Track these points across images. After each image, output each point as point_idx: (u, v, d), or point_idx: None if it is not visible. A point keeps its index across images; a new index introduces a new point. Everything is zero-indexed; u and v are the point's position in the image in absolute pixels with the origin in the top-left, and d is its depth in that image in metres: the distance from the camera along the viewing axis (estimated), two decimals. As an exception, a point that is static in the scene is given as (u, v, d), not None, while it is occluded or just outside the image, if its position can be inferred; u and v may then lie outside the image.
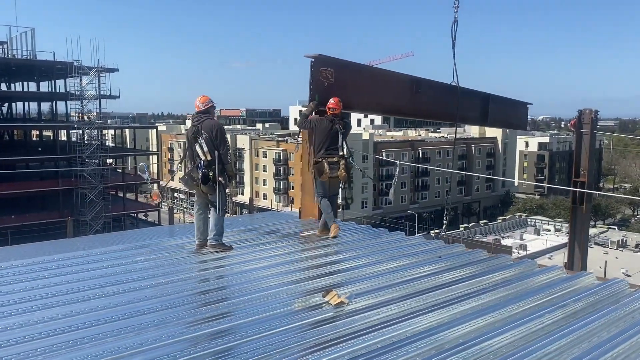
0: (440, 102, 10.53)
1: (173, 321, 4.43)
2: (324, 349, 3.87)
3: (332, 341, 4.05)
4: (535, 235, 57.54)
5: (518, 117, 13.48)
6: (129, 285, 5.35)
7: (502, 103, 12.47)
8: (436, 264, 6.30)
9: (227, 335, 4.11)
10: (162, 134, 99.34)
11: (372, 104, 9.63)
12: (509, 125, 16.24)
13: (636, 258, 47.33)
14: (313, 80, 7.92)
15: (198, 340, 4.02)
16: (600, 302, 5.17)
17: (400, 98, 9.85)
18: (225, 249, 6.84)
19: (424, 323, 4.44)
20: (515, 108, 13.24)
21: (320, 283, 5.52)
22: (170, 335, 4.10)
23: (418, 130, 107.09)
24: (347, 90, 8.38)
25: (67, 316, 4.51)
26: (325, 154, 7.56)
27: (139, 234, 11.92)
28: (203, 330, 4.23)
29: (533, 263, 6.62)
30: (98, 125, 50.21)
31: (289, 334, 4.17)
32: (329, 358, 3.75)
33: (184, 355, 3.77)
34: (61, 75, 52.13)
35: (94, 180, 47.91)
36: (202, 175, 6.66)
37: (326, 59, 8.14)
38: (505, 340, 4.12)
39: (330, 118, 7.65)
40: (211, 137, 6.70)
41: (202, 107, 6.90)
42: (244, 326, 4.31)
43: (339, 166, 7.55)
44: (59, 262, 6.20)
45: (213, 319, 4.47)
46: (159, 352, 3.79)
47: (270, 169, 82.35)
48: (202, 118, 6.83)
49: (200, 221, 7.00)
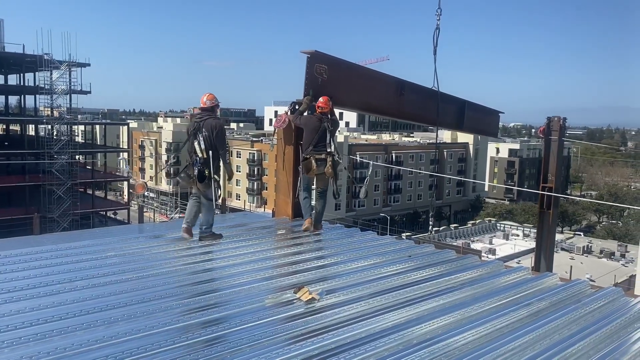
0: (423, 105, 10.77)
1: (143, 315, 4.42)
2: (294, 344, 3.92)
3: (303, 336, 4.11)
4: (504, 239, 58.53)
5: (490, 124, 13.80)
6: (99, 280, 5.31)
7: (477, 110, 12.72)
8: (406, 263, 6.40)
9: (206, 328, 4.13)
10: (134, 131, 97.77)
11: (360, 102, 9.83)
12: (481, 132, 16.55)
13: (600, 264, 48.53)
14: (308, 75, 8.08)
15: (168, 336, 4.02)
16: (562, 301, 5.34)
17: (385, 99, 10.05)
18: (215, 237, 7.10)
19: (392, 319, 4.53)
20: (489, 116, 13.53)
21: (291, 280, 5.56)
22: (140, 330, 4.09)
23: (392, 134, 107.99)
24: (339, 88, 8.57)
25: (35, 309, 4.46)
26: (314, 151, 7.75)
27: (108, 232, 11.77)
28: (176, 325, 4.23)
29: (500, 264, 6.79)
30: (68, 120, 49.23)
31: (260, 329, 4.20)
32: (299, 352, 3.80)
33: (154, 349, 3.78)
34: (30, 68, 50.93)
35: (62, 176, 46.89)
36: (198, 172, 6.85)
37: (322, 56, 8.33)
38: (471, 337, 4.23)
39: (319, 116, 7.84)
40: (210, 136, 6.86)
41: (208, 104, 7.08)
42: (216, 322, 4.34)
43: (326, 163, 7.74)
44: (26, 256, 6.09)
45: (187, 313, 4.48)
46: (129, 345, 3.78)
47: (244, 169, 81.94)
48: (205, 116, 6.99)
49: (193, 207, 7.19)
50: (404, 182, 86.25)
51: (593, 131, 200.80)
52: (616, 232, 66.94)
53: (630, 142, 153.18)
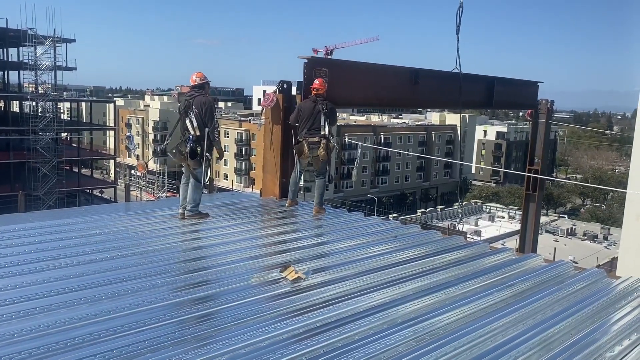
0: (441, 90, 10.76)
1: (127, 293, 4.40)
2: (279, 322, 3.93)
3: (288, 314, 4.12)
4: (489, 221, 59.11)
5: (527, 97, 13.47)
6: (83, 258, 5.27)
7: (509, 84, 12.69)
8: (392, 243, 6.44)
9: (191, 307, 4.12)
10: (120, 109, 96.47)
11: (370, 98, 9.89)
12: (518, 106, 16.36)
13: (584, 246, 49.28)
14: (307, 80, 8.09)
15: (153, 314, 4.01)
16: (546, 282, 5.41)
17: (398, 90, 10.09)
18: (202, 216, 7.11)
19: (377, 299, 4.56)
20: (524, 88, 13.35)
21: (278, 259, 5.57)
22: (125, 307, 4.08)
23: (381, 115, 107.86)
24: (344, 88, 8.59)
25: (17, 287, 4.42)
26: (307, 134, 7.70)
27: (94, 210, 11.67)
28: (161, 303, 4.22)
29: (485, 245, 6.84)
30: (53, 97, 48.39)
31: (245, 307, 4.20)
32: (285, 330, 3.82)
33: (139, 326, 3.77)
34: (14, 43, 49.86)
35: (47, 154, 46.31)
36: (190, 149, 6.91)
37: (319, 60, 8.43)
38: (454, 317, 4.27)
39: (313, 99, 7.77)
40: (200, 113, 6.89)
41: (198, 81, 7.11)
42: (202, 301, 4.33)
43: (319, 146, 7.65)
44: (9, 233, 6.02)
45: (173, 291, 4.46)
46: (113, 324, 3.77)
47: (232, 149, 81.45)
48: (195, 93, 7.03)
49: (186, 191, 7.22)
50: (392, 164, 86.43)
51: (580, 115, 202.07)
52: (600, 215, 67.89)
53: (615, 126, 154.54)
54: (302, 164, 8.00)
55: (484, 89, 11.77)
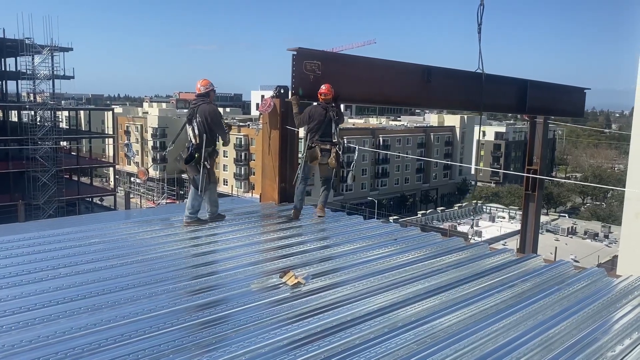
0: (458, 89, 10.20)
1: (127, 302, 4.39)
2: (280, 328, 3.92)
3: (288, 320, 4.11)
4: (490, 222, 59.07)
5: (572, 103, 12.80)
6: (83, 267, 5.25)
7: (547, 89, 11.78)
8: (392, 246, 6.43)
9: (191, 314, 4.11)
10: (119, 116, 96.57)
11: (370, 95, 9.43)
12: (560, 113, 14.20)
13: (584, 245, 49.24)
14: (296, 73, 7.86)
15: (153, 322, 4.00)
16: (546, 282, 5.40)
17: (406, 88, 9.59)
18: (201, 223, 7.14)
19: (378, 302, 4.55)
20: (567, 94, 12.65)
21: (278, 264, 5.56)
22: (125, 316, 4.07)
23: (379, 118, 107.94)
24: (339, 83, 8.21)
25: (17, 297, 4.41)
26: (319, 140, 7.65)
27: (94, 218, 11.66)
28: (159, 311, 4.22)
29: (485, 246, 6.83)
30: (51, 106, 48.47)
31: (246, 313, 4.20)
32: (285, 336, 3.81)
33: (139, 335, 3.76)
34: (11, 53, 50.03)
35: (46, 163, 46.33)
36: (188, 155, 7.02)
37: (309, 52, 8.04)
38: (455, 319, 4.26)
39: (324, 105, 7.69)
40: (204, 122, 6.96)
41: (202, 90, 7.16)
42: (202, 308, 4.32)
43: (329, 154, 7.66)
44: (8, 243, 6.01)
45: (172, 299, 4.45)
46: (113, 333, 3.76)
47: (231, 154, 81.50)
48: (200, 102, 7.09)
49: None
50: (392, 166, 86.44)
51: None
52: (600, 214, 67.84)
53: (614, 124, 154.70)
54: (310, 169, 7.91)
55: (514, 92, 11.15)
